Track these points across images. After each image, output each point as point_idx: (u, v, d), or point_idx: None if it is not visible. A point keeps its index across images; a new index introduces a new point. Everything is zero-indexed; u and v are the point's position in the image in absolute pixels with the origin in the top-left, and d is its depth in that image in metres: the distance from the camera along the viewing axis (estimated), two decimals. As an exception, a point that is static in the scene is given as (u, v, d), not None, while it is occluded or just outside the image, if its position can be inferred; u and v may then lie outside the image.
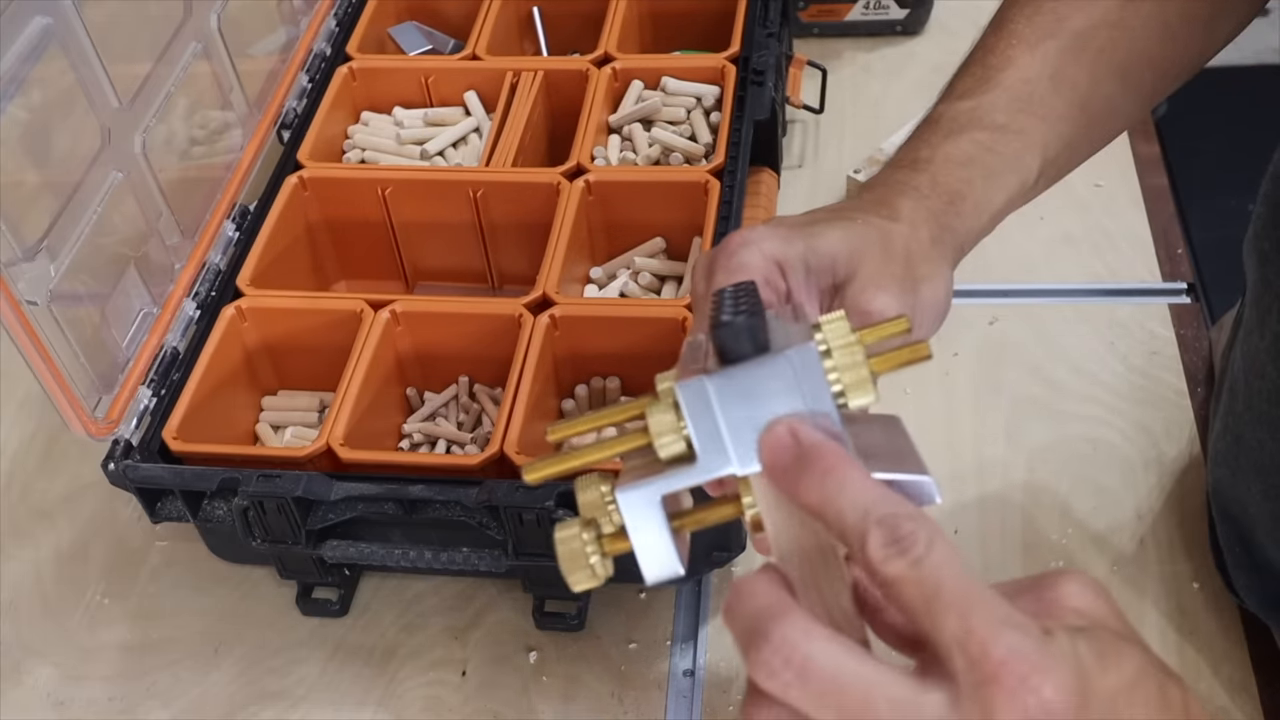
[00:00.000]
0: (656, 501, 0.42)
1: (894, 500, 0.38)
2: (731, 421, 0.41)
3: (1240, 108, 2.24)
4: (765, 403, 0.41)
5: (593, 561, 0.43)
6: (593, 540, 0.43)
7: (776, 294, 0.56)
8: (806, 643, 0.37)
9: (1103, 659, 0.37)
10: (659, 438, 0.42)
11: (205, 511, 0.74)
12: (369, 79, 0.98)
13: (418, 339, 0.83)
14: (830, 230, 0.57)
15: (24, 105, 0.69)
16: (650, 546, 0.43)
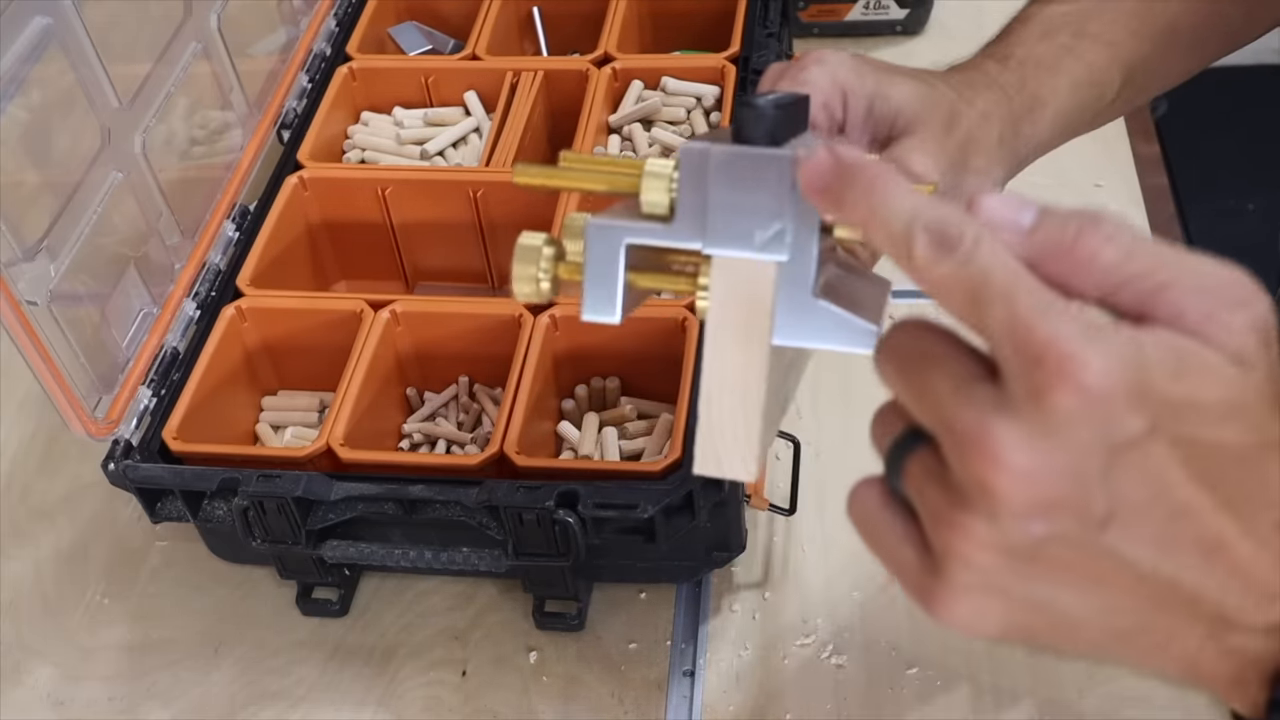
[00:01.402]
0: (622, 243, 0.42)
1: (940, 205, 0.37)
2: (717, 197, 0.41)
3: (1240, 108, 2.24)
4: (755, 193, 0.40)
5: (541, 272, 0.43)
6: (550, 258, 0.43)
7: (831, 122, 0.55)
8: None
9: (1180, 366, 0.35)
10: (648, 187, 0.42)
11: (205, 511, 0.74)
12: (369, 79, 0.98)
13: (418, 339, 0.83)
14: (905, 83, 0.56)
15: (24, 105, 0.69)
16: (599, 281, 0.42)
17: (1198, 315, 0.35)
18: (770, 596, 0.77)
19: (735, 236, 0.41)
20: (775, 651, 0.74)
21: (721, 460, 0.43)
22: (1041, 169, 1.00)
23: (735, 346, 0.42)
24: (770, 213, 0.40)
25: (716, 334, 0.42)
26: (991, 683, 0.72)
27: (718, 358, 0.42)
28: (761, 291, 0.41)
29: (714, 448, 0.43)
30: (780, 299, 0.41)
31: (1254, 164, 2.09)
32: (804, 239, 0.41)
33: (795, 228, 0.40)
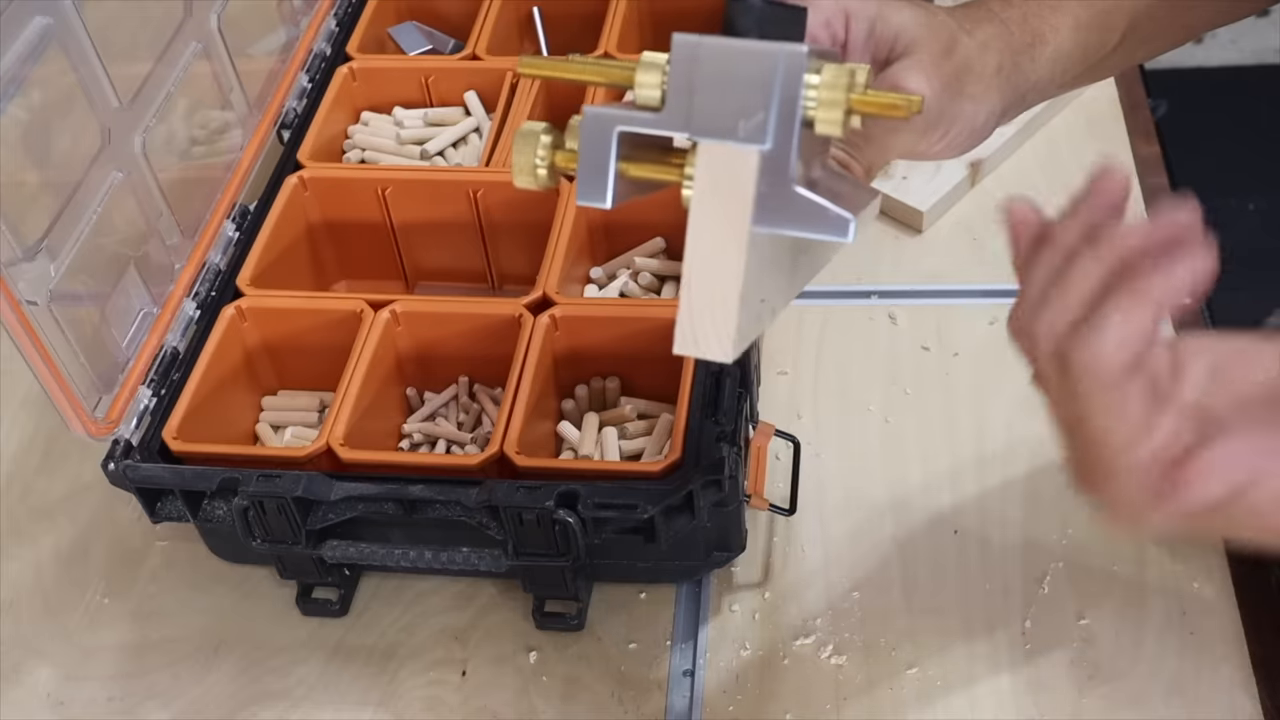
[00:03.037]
0: (614, 129, 0.44)
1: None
2: (705, 87, 0.43)
3: (1240, 108, 2.24)
4: (741, 83, 0.43)
5: (539, 159, 0.46)
6: (548, 145, 0.46)
7: (833, 42, 0.57)
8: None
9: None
10: (641, 76, 0.44)
11: (205, 511, 0.74)
12: (369, 79, 0.98)
13: (418, 339, 0.83)
14: (907, 8, 0.58)
15: (24, 105, 0.69)
16: (592, 166, 0.45)
17: None
18: (770, 596, 0.77)
19: (720, 125, 0.43)
20: (775, 651, 0.74)
21: (699, 341, 0.44)
22: (1042, 169, 1.00)
23: (717, 231, 0.43)
24: (755, 103, 0.42)
25: (700, 219, 0.43)
26: (991, 683, 0.72)
27: (700, 242, 0.44)
28: (743, 178, 0.43)
29: (693, 328, 0.44)
30: (761, 186, 0.43)
31: (1254, 164, 2.09)
32: (785, 130, 0.42)
33: (778, 119, 0.42)
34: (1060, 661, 0.72)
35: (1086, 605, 0.75)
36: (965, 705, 0.71)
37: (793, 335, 0.91)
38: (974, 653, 0.73)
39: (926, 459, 0.83)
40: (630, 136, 0.45)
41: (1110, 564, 0.76)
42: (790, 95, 0.42)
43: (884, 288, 0.92)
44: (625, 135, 0.44)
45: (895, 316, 0.91)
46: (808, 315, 0.92)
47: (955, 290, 0.93)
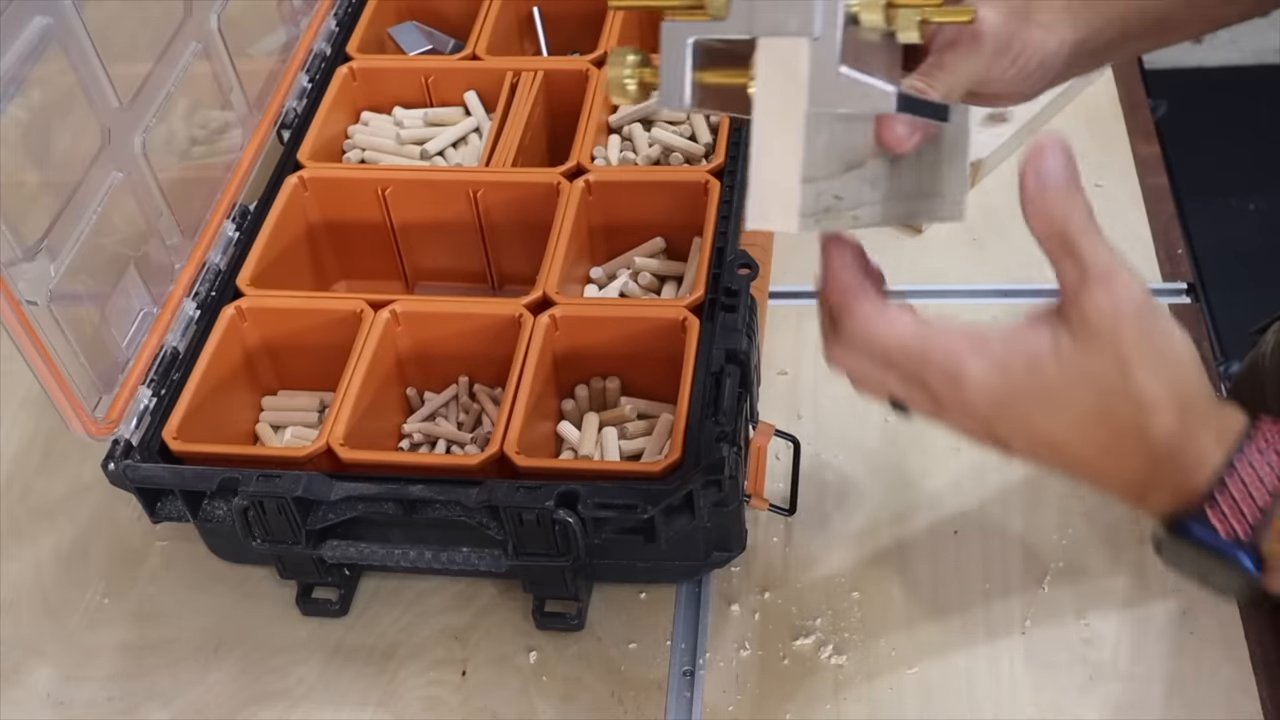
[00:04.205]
0: (689, 40, 0.50)
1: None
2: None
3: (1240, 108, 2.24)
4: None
5: (628, 76, 0.53)
6: (635, 64, 0.53)
7: None
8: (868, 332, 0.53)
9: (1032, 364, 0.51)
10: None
11: (205, 511, 0.74)
12: (369, 79, 0.98)
13: (418, 339, 0.83)
14: None
15: (24, 105, 0.69)
16: (671, 72, 0.51)
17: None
18: (770, 596, 0.77)
19: (775, 23, 0.49)
20: (775, 651, 0.75)
21: (768, 214, 0.50)
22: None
23: (778, 114, 0.49)
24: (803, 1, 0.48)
25: (762, 107, 0.49)
26: (991, 683, 0.72)
27: (764, 127, 0.49)
28: (797, 65, 0.48)
29: (761, 205, 0.50)
30: (812, 70, 0.48)
31: (1254, 164, 2.09)
32: (830, 20, 0.48)
33: (823, 12, 0.48)
34: (1060, 661, 0.72)
35: (1086, 605, 0.75)
36: (965, 705, 0.71)
37: (793, 335, 0.91)
38: (974, 653, 0.73)
39: (926, 459, 0.83)
40: (703, 48, 0.50)
41: (1110, 564, 0.76)
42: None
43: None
44: (699, 46, 0.50)
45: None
46: (807, 315, 0.92)
47: (955, 290, 0.93)
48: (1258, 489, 0.51)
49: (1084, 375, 0.51)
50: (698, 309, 0.78)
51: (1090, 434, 0.52)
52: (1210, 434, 0.52)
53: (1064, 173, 0.52)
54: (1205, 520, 0.52)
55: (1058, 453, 0.54)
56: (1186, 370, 0.52)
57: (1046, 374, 0.51)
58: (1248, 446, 0.52)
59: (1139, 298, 0.51)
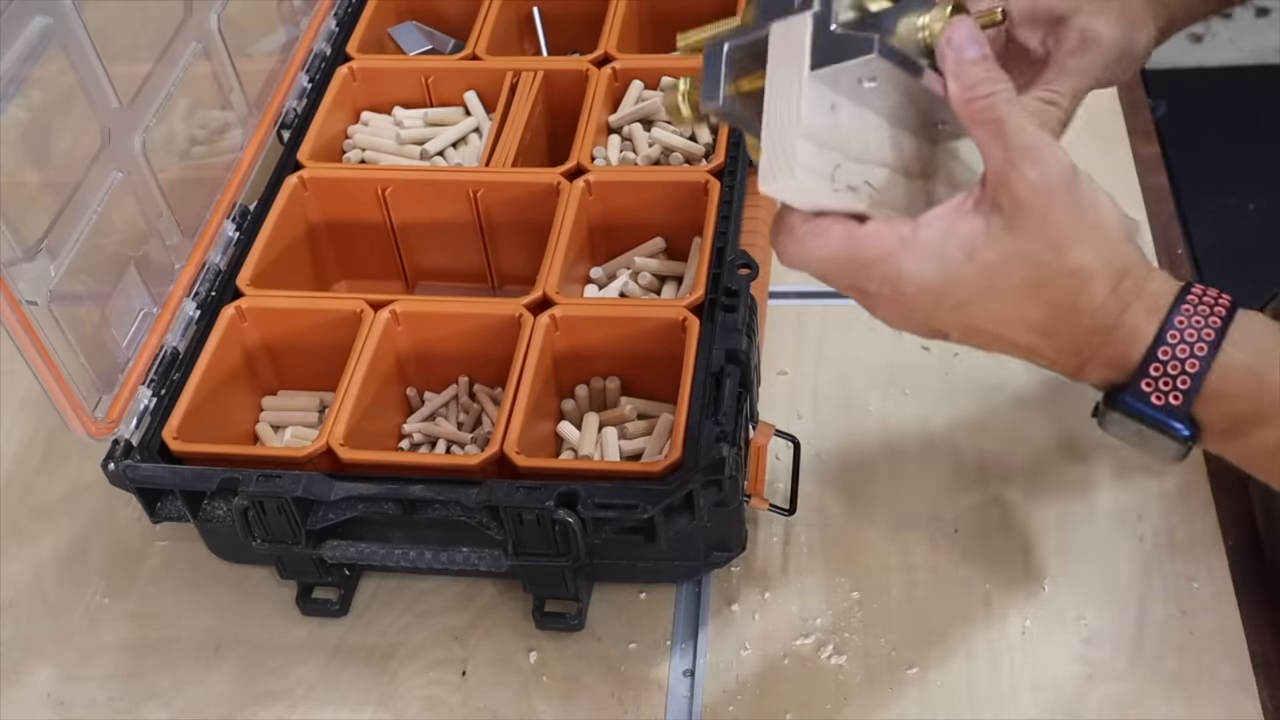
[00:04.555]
0: (724, 51, 0.55)
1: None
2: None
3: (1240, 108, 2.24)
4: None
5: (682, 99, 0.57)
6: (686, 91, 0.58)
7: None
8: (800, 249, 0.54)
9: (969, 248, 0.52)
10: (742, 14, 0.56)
11: (205, 511, 0.74)
12: (369, 79, 0.98)
13: (418, 339, 0.83)
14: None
15: (24, 105, 0.69)
16: (711, 78, 0.55)
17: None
18: (770, 596, 0.77)
19: (782, 8, 0.53)
20: (775, 651, 0.75)
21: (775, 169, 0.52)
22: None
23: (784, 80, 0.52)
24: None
25: (772, 75, 0.52)
26: (991, 683, 0.72)
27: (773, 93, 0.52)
28: (800, 37, 0.52)
29: (769, 163, 0.52)
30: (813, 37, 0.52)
31: (1254, 164, 2.09)
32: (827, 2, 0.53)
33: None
34: (1060, 661, 0.72)
35: (1086, 605, 0.75)
36: (965, 705, 0.71)
37: (793, 335, 0.91)
38: (974, 653, 0.73)
39: (926, 459, 0.83)
40: (738, 56, 0.54)
41: (1110, 564, 0.76)
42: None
43: (884, 288, 0.92)
44: (734, 53, 0.54)
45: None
46: (808, 315, 0.92)
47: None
48: (1187, 358, 0.53)
49: (1020, 255, 0.52)
50: (698, 309, 0.78)
51: (1029, 313, 0.53)
52: (1142, 305, 0.53)
53: (978, 46, 0.53)
54: (1139, 391, 0.54)
55: (996, 337, 0.55)
56: (1117, 239, 0.54)
57: (984, 258, 0.52)
58: (1176, 317, 0.53)
59: (1066, 171, 0.52)
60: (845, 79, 0.52)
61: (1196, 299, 0.54)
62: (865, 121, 0.54)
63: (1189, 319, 0.53)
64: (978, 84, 0.53)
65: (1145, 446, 0.56)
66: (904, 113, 0.56)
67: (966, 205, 0.53)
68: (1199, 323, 0.53)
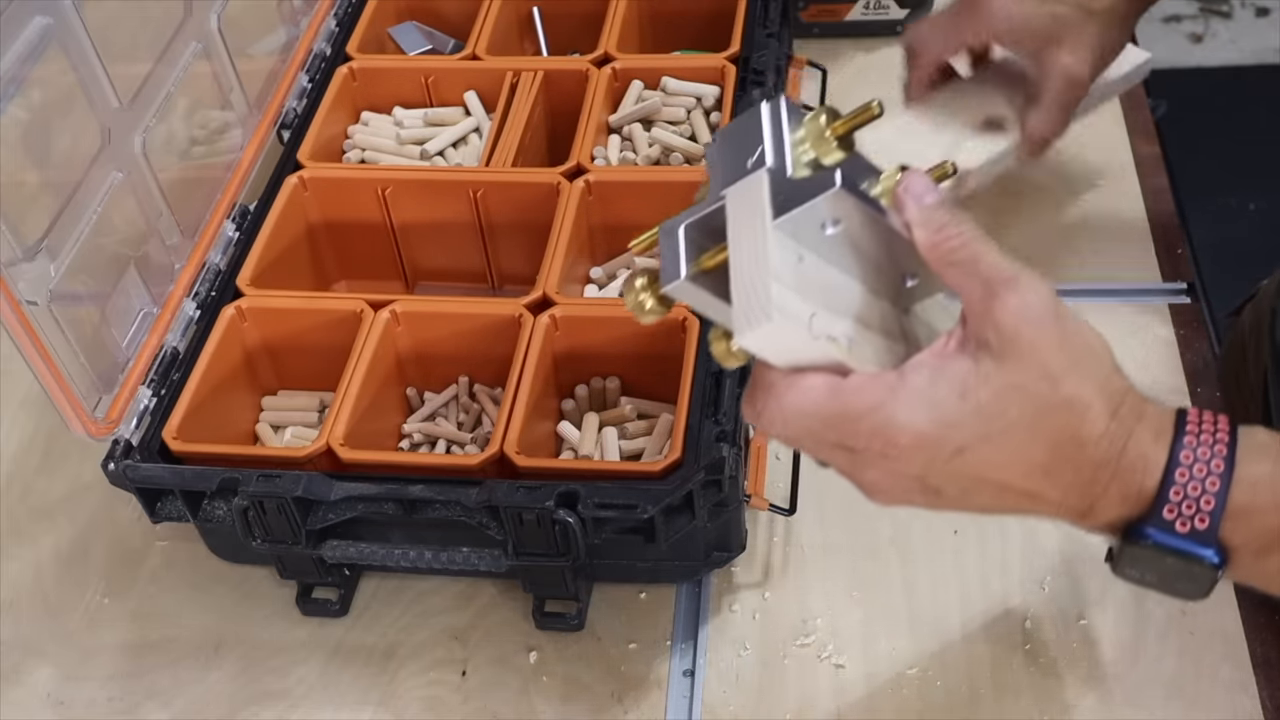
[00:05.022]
0: (680, 229, 0.53)
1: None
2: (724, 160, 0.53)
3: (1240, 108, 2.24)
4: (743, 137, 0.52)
5: (641, 296, 0.55)
6: (644, 285, 0.55)
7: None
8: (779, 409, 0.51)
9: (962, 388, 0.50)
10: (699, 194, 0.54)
11: (205, 511, 0.74)
12: (369, 79, 0.98)
13: (418, 339, 0.83)
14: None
15: (24, 105, 0.69)
16: (669, 259, 0.53)
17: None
18: (770, 596, 0.77)
19: (735, 172, 0.52)
20: (775, 651, 0.75)
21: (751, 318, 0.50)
22: (1041, 169, 1.00)
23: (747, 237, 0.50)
24: (754, 143, 0.52)
25: (735, 239, 0.51)
26: (992, 683, 0.72)
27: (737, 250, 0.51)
28: (758, 192, 0.51)
29: (743, 314, 0.50)
30: (771, 190, 0.51)
31: (1254, 164, 2.09)
32: (779, 150, 0.51)
33: (773, 145, 0.52)
34: (1060, 661, 0.72)
35: (1086, 605, 0.75)
36: (965, 705, 0.71)
37: (793, 335, 0.91)
38: (973, 653, 0.73)
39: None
40: (695, 234, 0.53)
41: (1110, 564, 0.76)
42: (777, 127, 0.52)
43: (884, 288, 0.92)
44: (690, 231, 0.53)
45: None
46: (808, 315, 0.92)
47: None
48: (1205, 476, 0.50)
49: (1014, 389, 0.50)
50: (698, 309, 0.78)
51: (1031, 453, 0.51)
52: (1147, 430, 0.51)
53: (936, 193, 0.52)
54: (1162, 520, 0.51)
55: (998, 485, 0.52)
56: (1107, 366, 0.52)
57: (977, 397, 0.50)
58: (1184, 436, 0.51)
59: (1047, 299, 0.51)
60: (809, 225, 0.51)
61: (1197, 416, 0.52)
62: (831, 277, 0.53)
63: (1197, 436, 0.51)
64: (944, 225, 0.51)
65: (1169, 585, 0.53)
66: (868, 270, 0.54)
67: (951, 346, 0.51)
68: (1208, 439, 0.51)
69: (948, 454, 0.51)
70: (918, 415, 0.50)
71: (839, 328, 0.52)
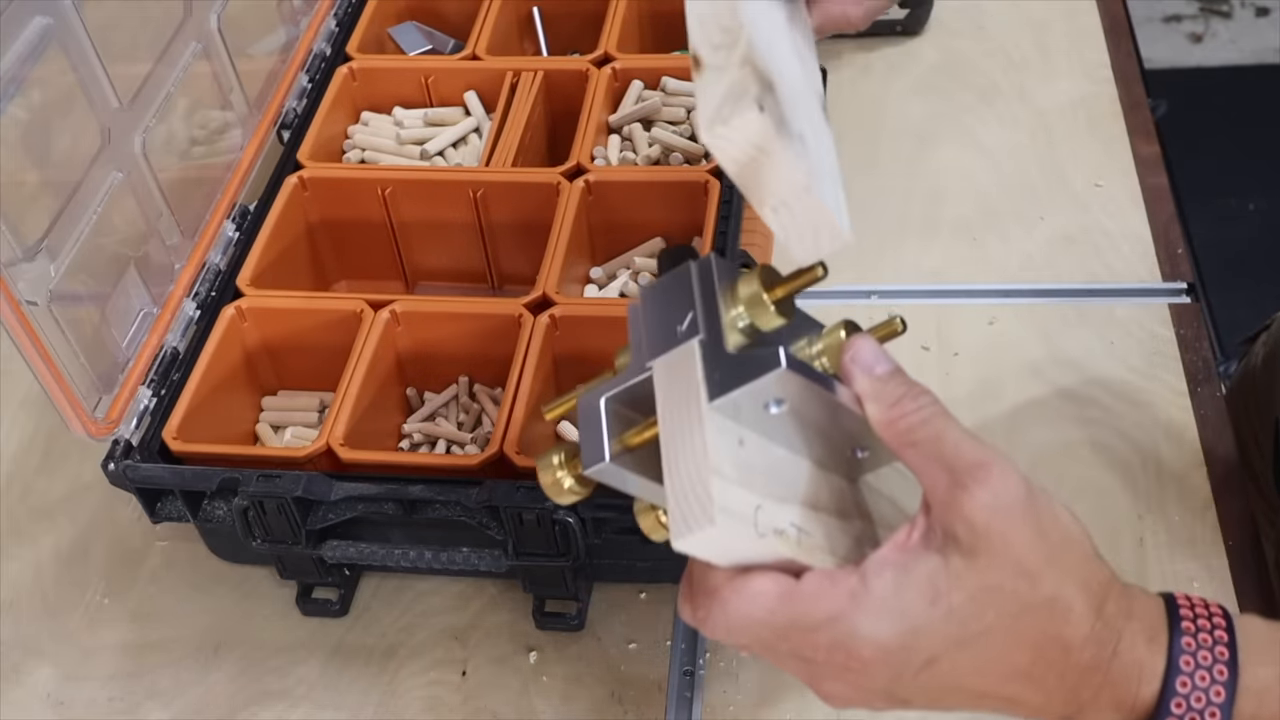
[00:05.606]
0: (600, 403, 0.49)
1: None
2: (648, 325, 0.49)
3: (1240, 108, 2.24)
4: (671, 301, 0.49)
5: (560, 476, 0.51)
6: (562, 461, 0.51)
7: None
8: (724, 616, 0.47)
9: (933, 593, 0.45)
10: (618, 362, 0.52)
11: (205, 511, 0.74)
12: (369, 79, 0.98)
13: (418, 339, 0.83)
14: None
15: (24, 105, 0.69)
16: (589, 436, 0.49)
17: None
18: (770, 596, 0.77)
19: (664, 340, 0.48)
20: (775, 651, 0.74)
21: (691, 520, 0.45)
22: (1040, 169, 1.00)
23: (681, 420, 0.46)
24: (684, 307, 0.48)
25: (666, 424, 0.47)
26: (991, 683, 0.72)
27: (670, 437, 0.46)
28: (691, 368, 0.47)
29: (681, 514, 0.45)
30: (705, 366, 0.47)
31: (1254, 164, 2.09)
32: (712, 318, 0.47)
33: (704, 312, 0.48)
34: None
35: (1086, 605, 0.75)
36: (965, 705, 0.71)
37: (793, 335, 0.91)
38: (974, 653, 0.73)
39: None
40: (618, 407, 0.49)
41: (1110, 563, 0.76)
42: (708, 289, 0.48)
43: (884, 288, 0.92)
44: (612, 406, 0.49)
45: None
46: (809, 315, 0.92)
47: (955, 290, 0.93)
48: (1209, 685, 0.46)
49: (989, 590, 0.45)
50: (698, 309, 0.78)
51: (1011, 659, 0.46)
52: (1139, 632, 0.47)
53: (887, 361, 0.48)
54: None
55: (973, 693, 0.47)
56: (1088, 557, 0.48)
57: (949, 601, 0.45)
58: (1181, 638, 0.46)
59: (1019, 487, 0.46)
60: (749, 406, 0.46)
61: (1190, 610, 0.47)
62: (776, 457, 0.48)
63: (1195, 637, 0.46)
64: (899, 401, 0.47)
65: None
66: (815, 445, 0.50)
67: (914, 541, 0.47)
68: (1206, 639, 0.46)
69: (917, 665, 0.46)
70: (882, 626, 0.45)
71: (787, 517, 0.47)
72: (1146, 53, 1.11)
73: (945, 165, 1.01)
